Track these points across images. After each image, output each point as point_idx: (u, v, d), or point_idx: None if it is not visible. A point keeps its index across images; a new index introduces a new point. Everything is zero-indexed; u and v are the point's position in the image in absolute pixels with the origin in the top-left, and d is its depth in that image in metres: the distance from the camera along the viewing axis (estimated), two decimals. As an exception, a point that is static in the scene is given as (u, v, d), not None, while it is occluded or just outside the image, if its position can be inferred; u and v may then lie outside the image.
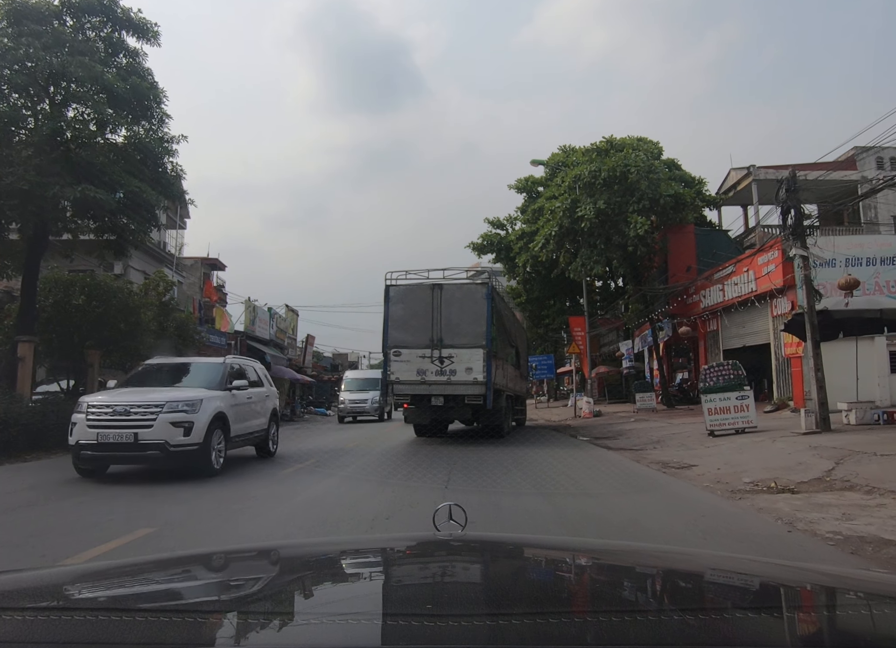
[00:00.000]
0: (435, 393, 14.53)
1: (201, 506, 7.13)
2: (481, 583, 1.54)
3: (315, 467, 10.87)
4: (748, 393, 13.34)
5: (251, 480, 9.20)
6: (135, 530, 5.75)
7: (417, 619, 1.09)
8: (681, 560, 1.80)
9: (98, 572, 1.70)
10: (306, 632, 1.10)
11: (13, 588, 1.37)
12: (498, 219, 38.22)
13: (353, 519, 6.21)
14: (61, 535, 5.65)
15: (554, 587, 1.52)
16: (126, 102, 13.18)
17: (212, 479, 8.99)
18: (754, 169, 31.57)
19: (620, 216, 24.32)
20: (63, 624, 1.11)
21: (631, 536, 5.23)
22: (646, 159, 25.07)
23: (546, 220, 26.36)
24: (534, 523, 5.84)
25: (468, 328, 14.50)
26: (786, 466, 9.07)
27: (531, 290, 37.50)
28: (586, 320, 26.85)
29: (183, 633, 1.06)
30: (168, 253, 29.02)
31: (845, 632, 1.13)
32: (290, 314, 36.65)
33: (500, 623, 1.11)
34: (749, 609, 1.27)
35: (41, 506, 7.27)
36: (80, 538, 5.45)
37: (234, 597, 1.42)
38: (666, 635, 1.08)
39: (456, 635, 1.03)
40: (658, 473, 9.86)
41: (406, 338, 14.63)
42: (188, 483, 8.57)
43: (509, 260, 36.95)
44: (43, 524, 6.14)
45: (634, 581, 1.60)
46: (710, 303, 24.44)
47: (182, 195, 15.26)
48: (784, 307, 20.28)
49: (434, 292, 14.82)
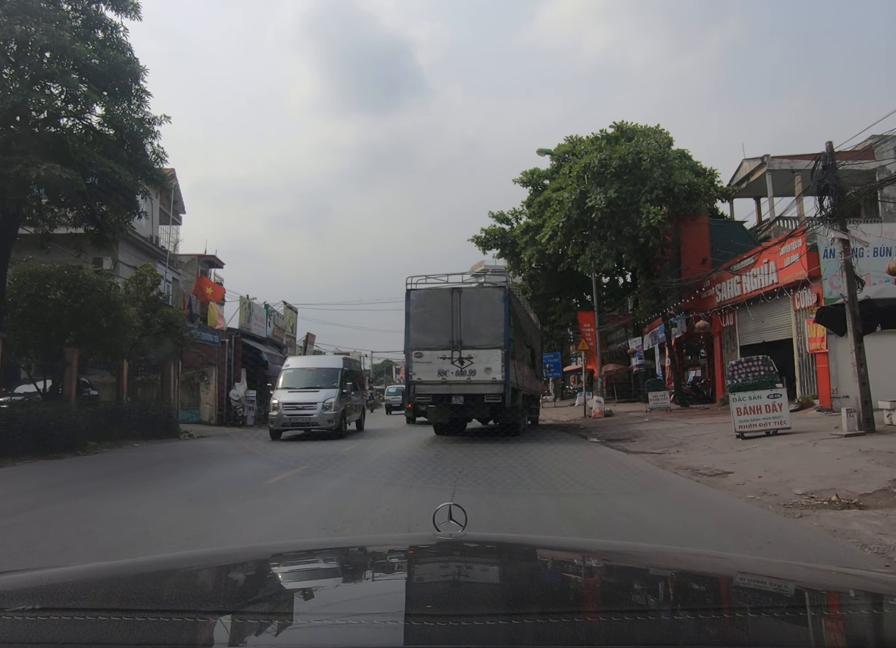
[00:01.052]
0: (455, 392, 14.97)
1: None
2: (481, 583, 1.53)
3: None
4: (781, 391, 12.20)
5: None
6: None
7: (417, 619, 1.11)
8: (680, 560, 1.79)
9: (98, 572, 1.65)
10: (305, 633, 1.10)
11: (13, 587, 1.36)
12: (502, 213, 37.14)
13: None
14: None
15: (554, 587, 1.52)
16: (101, 78, 12.10)
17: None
18: (768, 159, 30.29)
19: (632, 206, 23.18)
20: (63, 624, 1.11)
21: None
22: (658, 147, 23.93)
23: (553, 211, 25.24)
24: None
25: (487, 330, 14.95)
26: (840, 474, 7.94)
27: (537, 286, 36.36)
28: (596, 315, 25.70)
29: (182, 633, 1.07)
30: (161, 248, 27.89)
31: (857, 634, 1.13)
32: (288, 312, 35.57)
33: (500, 623, 1.11)
34: (756, 609, 1.26)
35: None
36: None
37: (233, 597, 1.40)
38: (666, 635, 1.09)
39: (455, 635, 1.03)
40: (690, 481, 8.75)
41: (427, 340, 15.06)
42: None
43: (514, 255, 35.87)
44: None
45: (634, 580, 1.59)
46: (727, 297, 23.28)
47: (164, 180, 14.12)
48: (808, 300, 19.13)
49: (453, 295, 15.28)
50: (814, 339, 18.28)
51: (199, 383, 22.83)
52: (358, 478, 9.25)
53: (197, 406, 22.84)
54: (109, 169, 11.55)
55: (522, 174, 35.52)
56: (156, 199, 29.29)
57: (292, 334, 37.00)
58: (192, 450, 14.53)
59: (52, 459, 11.96)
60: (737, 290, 22.56)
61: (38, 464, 11.36)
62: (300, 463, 10.90)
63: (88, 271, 14.75)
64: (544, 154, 26.08)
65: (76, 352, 14.55)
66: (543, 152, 25.78)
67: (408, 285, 15.47)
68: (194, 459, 12.63)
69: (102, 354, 15.51)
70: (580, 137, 31.82)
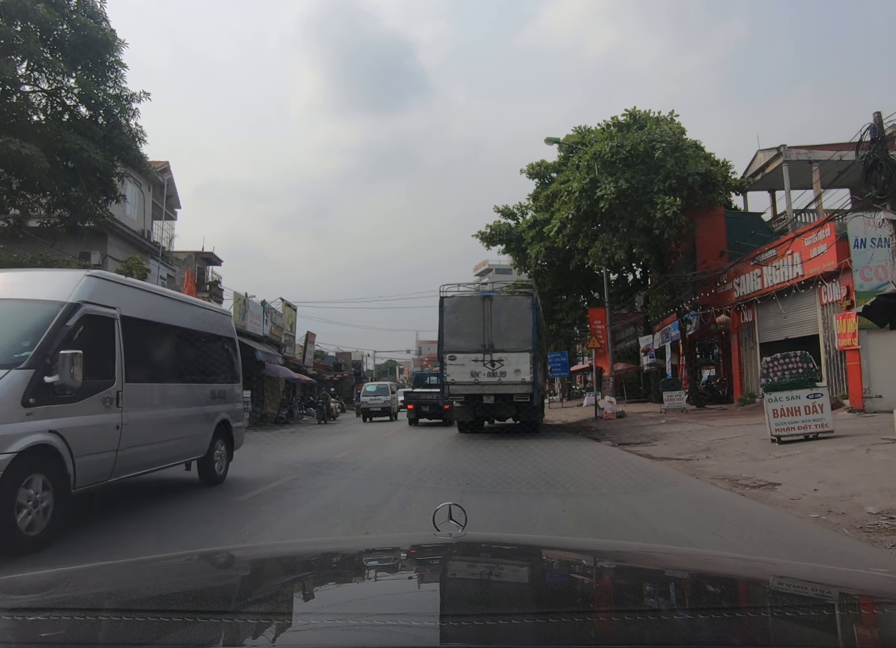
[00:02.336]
0: (487, 392, 15.98)
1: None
2: (479, 583, 1.51)
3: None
4: (822, 390, 11.02)
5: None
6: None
7: (417, 619, 1.11)
8: (680, 560, 1.79)
9: (98, 572, 1.64)
10: (303, 633, 1.10)
11: (13, 587, 1.36)
12: (508, 207, 35.98)
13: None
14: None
15: (553, 587, 1.50)
16: (72, 48, 10.96)
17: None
18: (785, 149, 28.92)
19: (644, 197, 22.02)
20: (63, 624, 1.10)
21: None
22: (672, 134, 22.74)
23: (562, 202, 24.07)
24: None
25: (516, 334, 15.96)
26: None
27: (543, 283, 35.13)
28: (607, 312, 24.50)
29: (183, 633, 1.07)
30: (154, 243, 26.76)
31: (856, 633, 1.13)
32: (287, 310, 34.36)
33: (501, 623, 1.09)
34: (758, 609, 1.27)
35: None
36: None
37: (232, 598, 1.40)
38: (661, 636, 1.09)
39: (454, 635, 1.02)
40: (733, 495, 7.58)
41: (460, 344, 16.09)
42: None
43: (520, 251, 34.76)
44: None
45: (633, 580, 1.58)
46: (747, 291, 22.07)
47: (143, 161, 12.92)
48: (836, 293, 17.94)
49: (484, 302, 16.42)
50: (844, 334, 17.07)
51: (191, 384, 21.64)
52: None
53: (188, 407, 21.65)
54: (77, 146, 10.39)
55: (529, 166, 34.34)
56: (148, 192, 28.23)
57: (291, 332, 35.79)
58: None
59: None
60: (757, 284, 21.36)
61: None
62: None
63: (63, 262, 13.59)
64: (552, 143, 24.92)
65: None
66: (552, 141, 24.61)
67: (441, 293, 16.59)
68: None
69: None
70: (589, 127, 30.69)
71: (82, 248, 23.64)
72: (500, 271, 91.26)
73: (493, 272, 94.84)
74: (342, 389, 51.88)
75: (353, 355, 60.31)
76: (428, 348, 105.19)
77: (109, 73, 11.82)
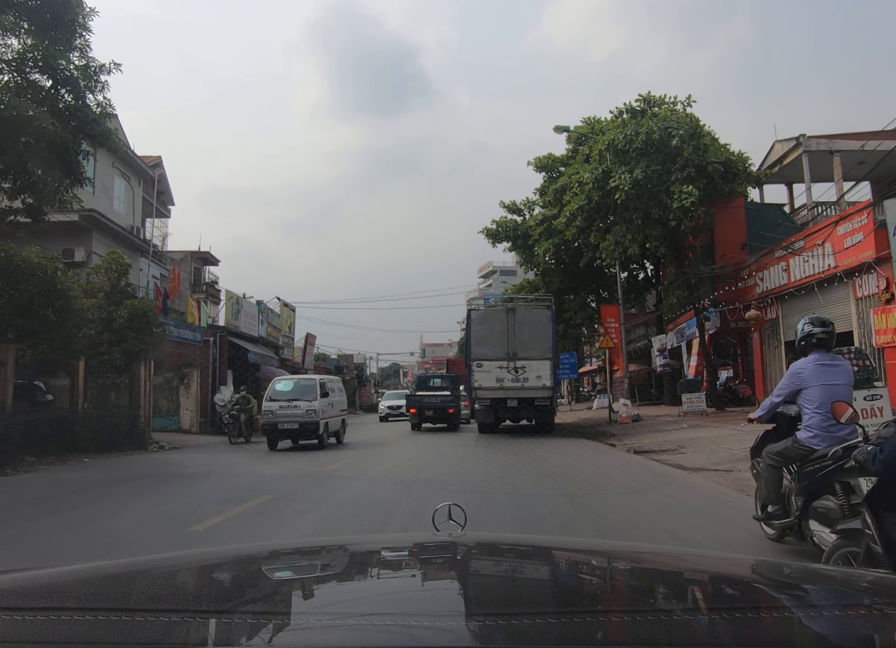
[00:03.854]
0: (511, 396, 17.49)
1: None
2: (478, 583, 1.51)
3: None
4: (882, 391, 9.70)
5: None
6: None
7: (416, 619, 1.10)
8: (679, 561, 1.76)
9: (98, 571, 1.59)
10: (300, 633, 1.10)
11: (13, 588, 1.35)
12: (514, 203, 34.65)
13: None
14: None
15: (553, 587, 1.50)
16: (26, 9, 9.68)
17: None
18: (804, 139, 27.54)
19: (661, 187, 20.69)
20: (63, 624, 1.09)
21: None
22: (689, 121, 21.40)
23: (573, 194, 22.74)
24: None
25: (538, 344, 17.56)
26: None
27: (550, 282, 33.89)
28: (621, 309, 23.14)
29: (182, 633, 1.07)
30: (144, 240, 25.50)
31: (857, 633, 1.13)
32: (285, 310, 33.07)
33: (500, 623, 1.09)
34: (754, 609, 1.25)
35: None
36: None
37: (229, 597, 1.39)
38: (659, 636, 1.08)
39: (452, 635, 1.03)
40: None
41: (486, 352, 17.60)
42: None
43: (527, 248, 33.41)
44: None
45: (631, 580, 1.58)
46: (771, 286, 20.68)
47: (110, 137, 11.57)
48: (871, 286, 16.57)
49: (508, 314, 17.97)
50: (883, 331, 15.68)
51: (179, 387, 20.34)
52: (333, 517, 6.72)
53: (177, 412, 20.37)
54: (27, 116, 9.06)
55: (537, 159, 33.05)
56: (138, 187, 26.98)
57: (290, 334, 34.50)
58: (147, 467, 12.03)
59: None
60: (783, 278, 19.97)
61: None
62: (262, 491, 8.33)
63: (30, 253, 12.30)
64: (562, 131, 23.60)
65: (12, 349, 12.16)
66: (561, 129, 23.30)
67: (468, 305, 18.85)
68: (134, 482, 10.11)
69: (51, 352, 13.07)
70: (599, 118, 29.39)
71: (66, 244, 22.48)
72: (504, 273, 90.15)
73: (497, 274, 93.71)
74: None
75: (355, 358, 58.96)
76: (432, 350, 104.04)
77: (74, 40, 10.53)
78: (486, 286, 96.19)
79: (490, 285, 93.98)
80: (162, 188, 30.80)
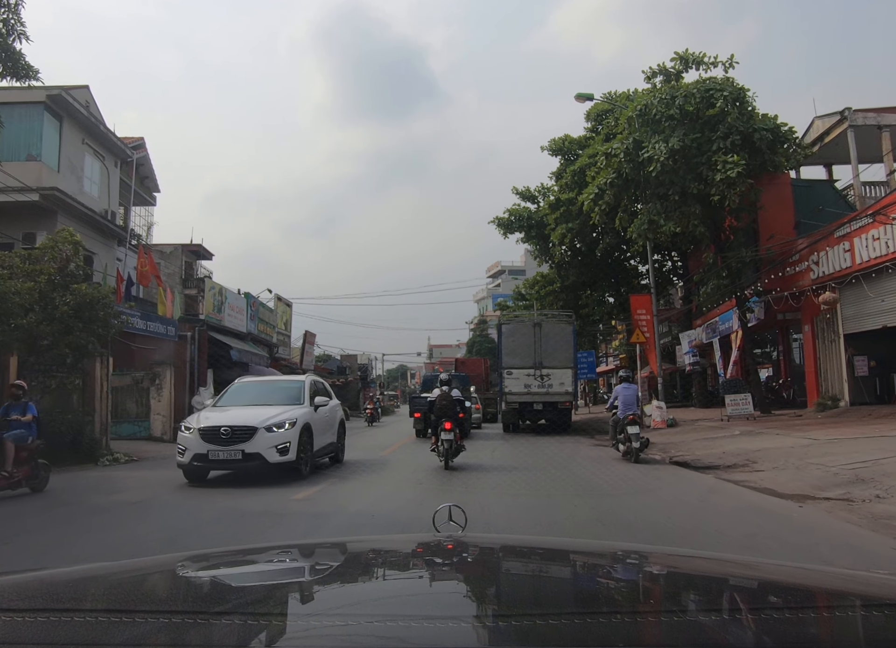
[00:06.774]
0: (537, 401, 19.86)
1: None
2: (478, 584, 1.49)
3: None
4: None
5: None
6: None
7: (416, 620, 1.09)
8: (679, 561, 1.74)
9: (98, 572, 1.57)
10: (299, 634, 1.08)
11: (13, 588, 1.34)
12: (528, 189, 32.07)
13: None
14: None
15: (553, 587, 1.49)
16: None
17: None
18: (850, 113, 24.60)
19: (700, 158, 18.03)
20: (63, 625, 1.08)
21: None
22: (732, 84, 18.69)
23: (599, 169, 20.08)
24: None
25: (561, 354, 20.04)
26: None
27: (566, 276, 31.29)
28: (654, 298, 20.43)
29: (181, 634, 1.05)
30: (119, 226, 22.94)
31: (859, 635, 1.11)
32: (280, 306, 30.49)
33: (500, 623, 1.10)
34: (755, 610, 1.22)
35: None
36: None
37: (228, 598, 1.38)
38: (660, 637, 1.08)
39: (451, 635, 1.02)
40: None
41: (515, 361, 19.96)
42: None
43: (541, 238, 30.81)
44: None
45: (633, 581, 1.56)
46: (828, 270, 17.93)
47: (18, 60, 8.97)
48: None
49: (535, 327, 20.33)
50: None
51: (150, 388, 17.78)
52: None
53: (146, 417, 17.80)
54: None
55: (551, 142, 30.49)
56: (115, 168, 24.42)
57: (286, 331, 31.93)
58: (69, 492, 9.33)
59: None
60: (844, 260, 17.23)
61: None
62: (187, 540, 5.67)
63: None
64: (584, 99, 20.90)
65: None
66: (583, 97, 20.61)
67: (500, 320, 21.62)
68: (41, 515, 7.51)
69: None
70: (622, 92, 26.73)
71: (27, 227, 19.99)
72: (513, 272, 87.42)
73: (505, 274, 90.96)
74: (347, 394, 48.07)
75: (359, 358, 56.37)
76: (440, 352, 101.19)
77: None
78: (494, 286, 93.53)
79: (499, 284, 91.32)
80: (146, 173, 28.32)
